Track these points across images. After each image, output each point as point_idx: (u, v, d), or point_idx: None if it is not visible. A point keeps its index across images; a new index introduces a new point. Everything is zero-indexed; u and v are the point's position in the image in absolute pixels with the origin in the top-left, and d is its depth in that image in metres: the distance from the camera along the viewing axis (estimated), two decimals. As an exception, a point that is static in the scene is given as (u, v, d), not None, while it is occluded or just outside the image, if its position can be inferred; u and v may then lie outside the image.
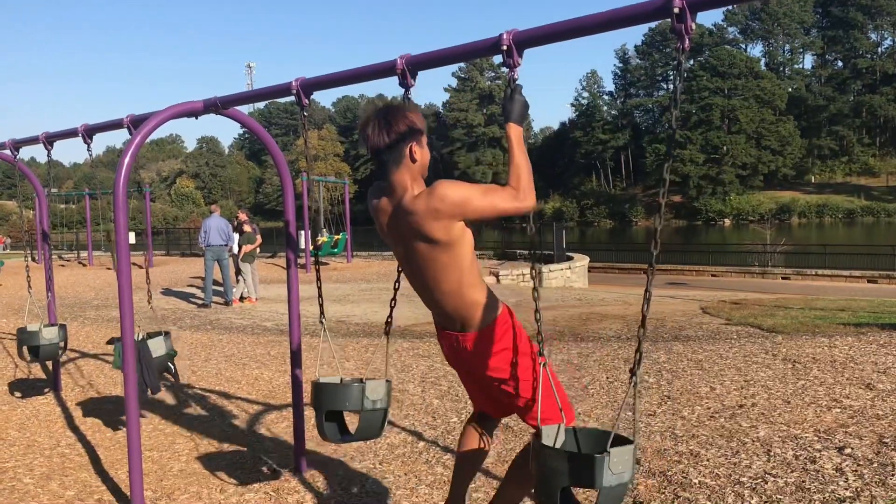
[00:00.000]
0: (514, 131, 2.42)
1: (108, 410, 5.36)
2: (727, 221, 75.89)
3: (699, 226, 73.41)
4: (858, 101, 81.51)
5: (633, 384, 2.10)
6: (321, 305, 3.16)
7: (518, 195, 2.31)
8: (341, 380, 2.79)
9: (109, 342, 4.81)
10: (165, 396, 5.85)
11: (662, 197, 2.17)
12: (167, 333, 4.69)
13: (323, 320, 3.13)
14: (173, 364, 4.71)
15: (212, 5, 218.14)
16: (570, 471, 1.99)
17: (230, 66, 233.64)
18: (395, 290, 2.89)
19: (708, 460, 3.82)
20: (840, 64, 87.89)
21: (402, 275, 2.70)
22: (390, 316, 2.86)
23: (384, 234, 2.56)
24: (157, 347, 4.52)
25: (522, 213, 2.36)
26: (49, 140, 5.13)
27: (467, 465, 2.77)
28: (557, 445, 2.21)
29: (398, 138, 2.40)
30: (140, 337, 4.47)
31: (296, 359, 3.84)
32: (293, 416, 3.97)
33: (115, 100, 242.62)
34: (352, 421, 2.77)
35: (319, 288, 3.17)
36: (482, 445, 2.76)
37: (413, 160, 2.42)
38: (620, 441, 2.05)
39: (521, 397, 2.51)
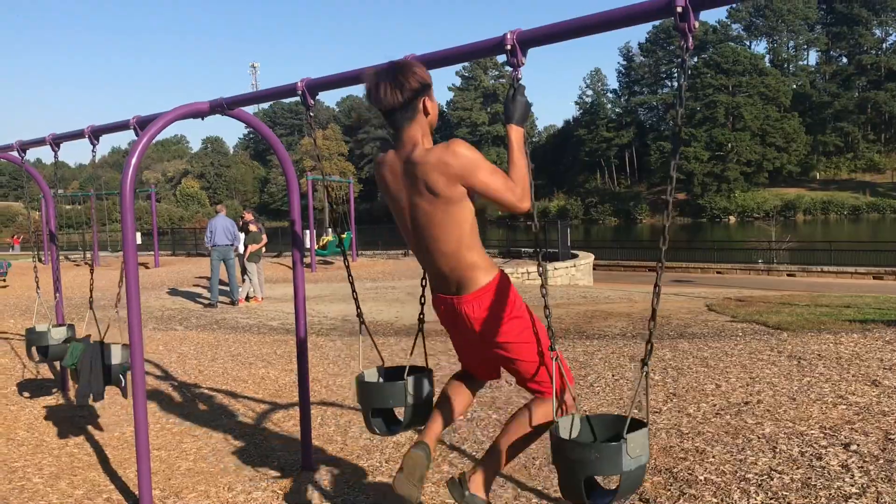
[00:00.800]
0: (516, 133, 2.44)
1: (115, 410, 5.39)
2: (732, 218, 75.73)
3: (704, 223, 73.25)
4: (863, 98, 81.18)
5: (644, 374, 2.16)
6: (356, 300, 3.16)
7: (517, 194, 2.34)
8: (384, 371, 2.83)
9: (66, 341, 4.83)
10: (173, 396, 5.89)
11: (670, 195, 2.19)
12: (126, 345, 4.46)
13: (361, 316, 3.11)
14: (124, 378, 4.47)
15: (215, 6, 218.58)
16: (591, 461, 2.03)
17: (234, 67, 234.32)
18: (423, 287, 2.85)
19: (714, 457, 3.83)
20: (845, 60, 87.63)
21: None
22: (422, 312, 2.89)
23: (386, 191, 2.53)
24: (114, 355, 4.42)
25: (517, 212, 2.40)
26: (56, 141, 5.15)
27: (447, 409, 2.72)
28: (574, 435, 2.24)
29: (412, 95, 2.40)
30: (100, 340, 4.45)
31: (302, 358, 3.86)
32: (300, 415, 3.99)
33: (118, 101, 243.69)
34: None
35: (352, 284, 3.17)
36: (465, 396, 2.74)
37: (426, 114, 2.45)
38: (634, 425, 2.09)
39: (518, 360, 2.50)
